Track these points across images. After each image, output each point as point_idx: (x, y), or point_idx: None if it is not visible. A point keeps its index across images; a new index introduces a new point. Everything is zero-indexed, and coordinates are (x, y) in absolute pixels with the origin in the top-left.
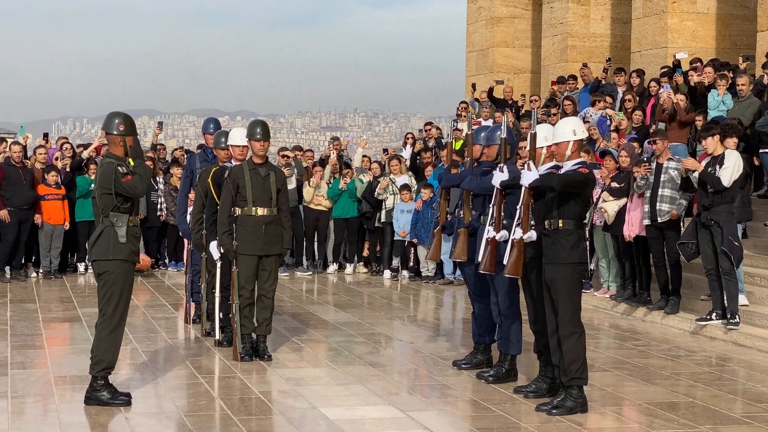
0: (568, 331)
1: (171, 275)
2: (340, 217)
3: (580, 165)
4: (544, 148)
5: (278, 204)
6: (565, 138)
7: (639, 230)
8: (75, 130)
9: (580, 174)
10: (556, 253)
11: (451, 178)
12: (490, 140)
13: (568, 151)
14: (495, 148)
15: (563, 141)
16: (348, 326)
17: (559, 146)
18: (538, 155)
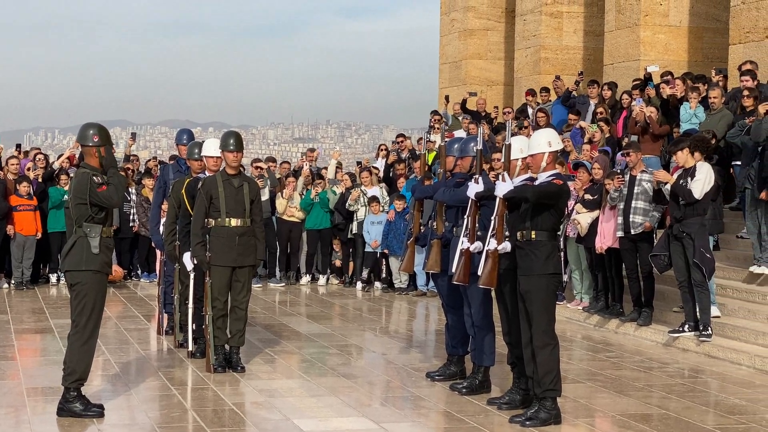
0: (543, 343)
1: (144, 286)
2: (312, 229)
3: (555, 176)
4: (519, 160)
5: (252, 215)
6: (540, 149)
7: (612, 242)
8: (47, 141)
9: (555, 185)
10: (530, 264)
11: (424, 190)
12: (463, 152)
13: (543, 162)
14: (469, 160)
15: (538, 152)
16: (321, 338)
17: (534, 158)
18: (513, 167)
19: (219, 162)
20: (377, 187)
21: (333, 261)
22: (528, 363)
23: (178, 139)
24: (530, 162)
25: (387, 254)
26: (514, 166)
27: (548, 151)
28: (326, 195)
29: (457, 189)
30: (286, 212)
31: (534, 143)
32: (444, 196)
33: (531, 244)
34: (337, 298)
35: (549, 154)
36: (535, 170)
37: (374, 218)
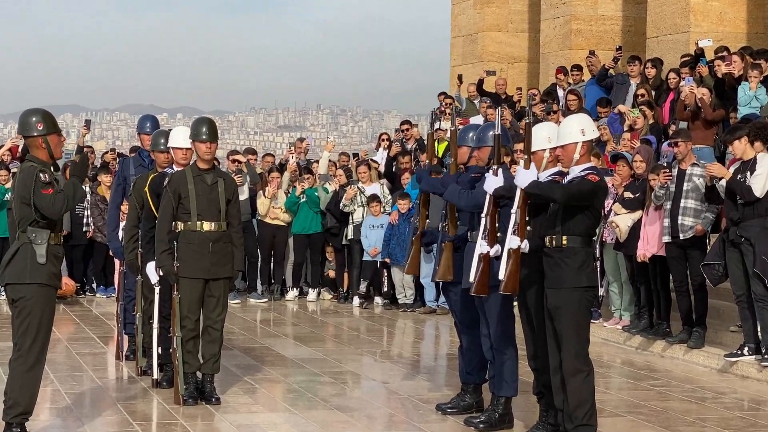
0: (574, 369)
1: (100, 302)
2: (300, 234)
3: (590, 171)
4: (547, 151)
5: (228, 217)
6: (572, 139)
7: (657, 249)
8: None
9: (589, 183)
10: (559, 275)
11: (432, 183)
12: (481, 141)
13: (575, 154)
14: (487, 151)
15: (570, 143)
16: (310, 363)
17: (565, 149)
18: (539, 159)
19: (189, 154)
20: (377, 184)
21: (325, 272)
22: (557, 393)
23: (141, 128)
24: (560, 154)
25: (389, 264)
26: (539, 158)
27: (581, 140)
28: (314, 192)
29: (475, 191)
30: (269, 214)
31: (564, 132)
32: (457, 198)
33: (561, 251)
34: (330, 316)
35: (582, 144)
36: (566, 164)
37: (374, 221)
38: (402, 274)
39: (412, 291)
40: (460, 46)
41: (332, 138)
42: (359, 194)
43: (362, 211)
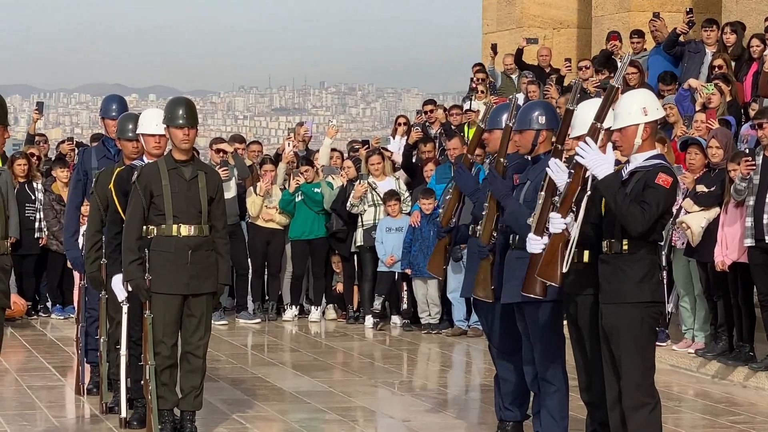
0: (637, 402)
1: (56, 325)
2: (300, 239)
3: (659, 164)
4: (601, 133)
5: (211, 220)
6: (633, 120)
7: (738, 255)
8: None
9: (662, 190)
10: (618, 288)
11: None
12: (523, 123)
13: (637, 138)
14: (530, 135)
15: (629, 125)
16: (314, 397)
17: (623, 133)
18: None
19: (163, 143)
20: (391, 178)
21: (332, 286)
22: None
23: (105, 111)
24: (618, 139)
25: (409, 275)
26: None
27: (644, 121)
28: (312, 189)
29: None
30: (261, 215)
31: (622, 111)
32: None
33: (621, 258)
34: (337, 339)
35: (645, 126)
36: (625, 150)
37: (391, 223)
38: (425, 289)
39: (438, 309)
40: (494, 10)
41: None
42: (370, 191)
43: (374, 211)
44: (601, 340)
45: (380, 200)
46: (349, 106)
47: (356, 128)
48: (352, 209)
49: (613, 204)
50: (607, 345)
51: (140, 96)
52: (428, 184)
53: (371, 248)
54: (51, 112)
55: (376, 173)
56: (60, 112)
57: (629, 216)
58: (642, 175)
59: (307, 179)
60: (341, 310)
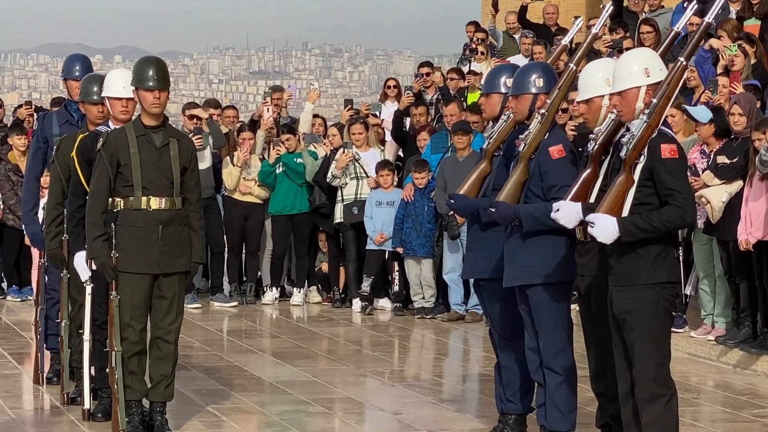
0: (651, 394)
1: (12, 308)
2: (281, 214)
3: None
4: (606, 98)
5: (183, 192)
6: (633, 82)
7: (763, 233)
8: None
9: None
10: (630, 269)
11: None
12: (520, 88)
13: (638, 102)
14: (527, 100)
15: (630, 87)
16: (296, 388)
17: (623, 97)
18: (595, 110)
19: (131, 107)
20: (377, 148)
21: (316, 266)
22: (629, 425)
23: (68, 72)
24: (617, 103)
25: (401, 254)
26: (596, 110)
27: (645, 83)
28: (294, 160)
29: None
30: (239, 188)
31: (621, 73)
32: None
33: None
34: (322, 324)
35: (647, 89)
36: (626, 116)
37: (382, 196)
38: (419, 269)
39: (432, 291)
40: None
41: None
42: (353, 163)
43: (356, 185)
44: (611, 326)
45: (363, 173)
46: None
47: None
48: (333, 181)
49: (653, 234)
50: (619, 332)
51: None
52: (422, 155)
53: (353, 225)
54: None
55: (358, 143)
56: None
57: (671, 225)
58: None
59: (289, 149)
60: (326, 293)
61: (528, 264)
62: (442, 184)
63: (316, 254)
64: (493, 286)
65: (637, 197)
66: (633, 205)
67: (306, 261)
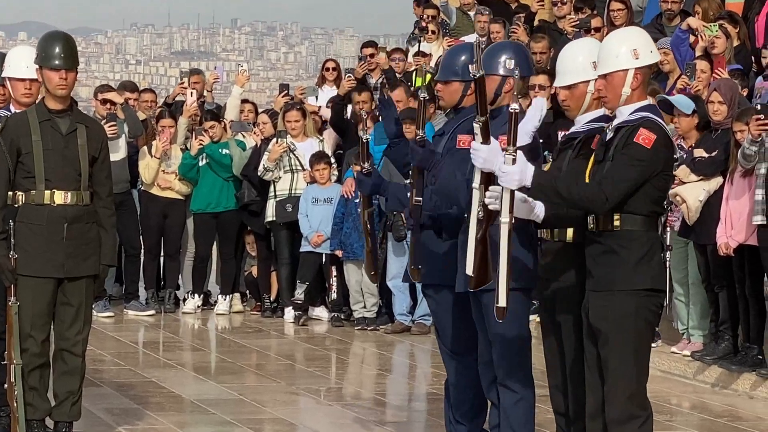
0: (625, 414)
1: None
2: (204, 212)
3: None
4: (591, 83)
5: (93, 185)
6: (620, 65)
7: (745, 236)
8: None
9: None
10: (610, 272)
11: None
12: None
13: (625, 88)
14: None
15: (616, 71)
16: (220, 407)
17: (609, 81)
18: (578, 95)
19: (35, 89)
20: (314, 138)
21: (244, 270)
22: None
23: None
24: (602, 88)
25: (340, 258)
26: (579, 95)
27: (634, 66)
28: (219, 150)
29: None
30: (157, 182)
31: (607, 55)
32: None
33: (612, 236)
34: (250, 336)
35: (635, 72)
36: (611, 102)
37: (318, 192)
38: (360, 274)
39: (375, 299)
40: None
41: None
42: (288, 154)
43: (291, 179)
44: (584, 336)
45: (299, 165)
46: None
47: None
48: (265, 174)
49: (561, 200)
50: (593, 342)
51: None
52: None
53: (286, 225)
54: None
55: (294, 132)
56: None
57: (583, 204)
58: (626, 131)
59: (214, 138)
60: (256, 301)
61: None
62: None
63: (244, 257)
64: (441, 293)
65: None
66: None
67: (233, 265)
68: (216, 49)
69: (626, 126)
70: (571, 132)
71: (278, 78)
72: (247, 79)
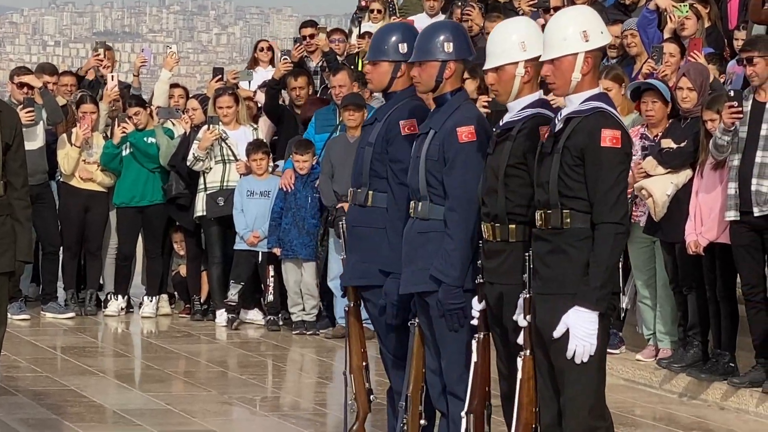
0: (584, 426)
1: None
2: (129, 206)
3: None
4: (521, 65)
5: (6, 174)
6: (569, 48)
7: (716, 233)
8: None
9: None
10: (559, 274)
11: None
12: (424, 52)
13: (575, 72)
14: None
15: (565, 54)
16: (146, 418)
17: (557, 65)
18: (507, 79)
19: None
20: (248, 126)
21: (172, 269)
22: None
23: None
24: (549, 73)
25: (278, 257)
26: (508, 79)
27: (584, 50)
28: (144, 139)
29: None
30: (78, 173)
31: (554, 36)
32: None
33: (561, 235)
34: (179, 341)
35: (586, 56)
36: (560, 89)
37: (255, 184)
38: (299, 274)
39: (315, 301)
40: None
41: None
42: (219, 143)
43: (222, 170)
44: (534, 344)
45: (231, 155)
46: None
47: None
48: (195, 165)
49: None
50: (543, 351)
51: None
52: (305, 134)
53: (218, 220)
54: None
55: (226, 119)
56: None
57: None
58: (578, 123)
59: (138, 125)
60: (185, 303)
61: (429, 267)
62: (328, 170)
63: (172, 256)
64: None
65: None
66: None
67: (159, 263)
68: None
69: (577, 116)
70: (505, 122)
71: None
72: (176, 62)
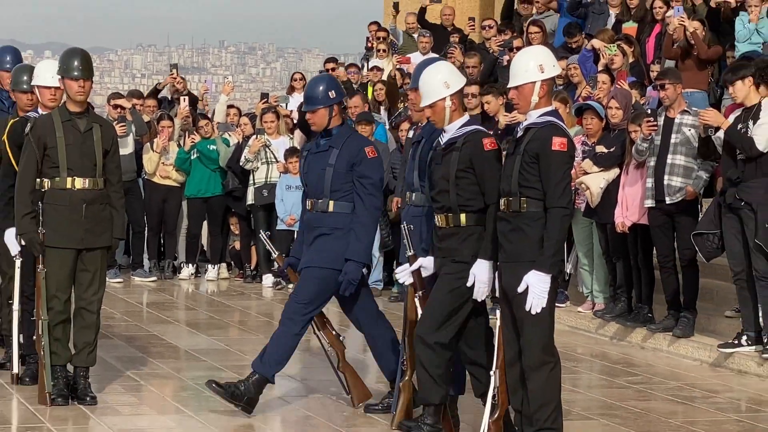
0: (538, 361)
1: None
2: (196, 197)
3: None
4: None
5: (106, 173)
6: (529, 78)
7: (638, 216)
8: None
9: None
10: (519, 248)
11: None
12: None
13: (534, 96)
14: (325, 113)
15: (526, 83)
16: (209, 355)
17: (520, 91)
18: (439, 110)
19: (59, 95)
20: (286, 136)
21: (229, 244)
22: (514, 391)
23: (0, 63)
24: (515, 97)
25: None
26: (439, 110)
27: (540, 79)
28: (207, 146)
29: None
30: (158, 172)
31: (518, 69)
32: None
33: (520, 216)
34: (234, 298)
35: (542, 83)
36: (522, 108)
37: (291, 180)
38: None
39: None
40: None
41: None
42: (264, 149)
43: (266, 169)
44: (499, 298)
45: (274, 158)
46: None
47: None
48: (246, 165)
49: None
50: (508, 305)
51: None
52: None
53: (263, 207)
54: None
55: (269, 131)
56: None
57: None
58: (535, 132)
59: (205, 134)
60: (239, 270)
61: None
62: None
63: (229, 234)
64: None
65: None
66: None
67: (219, 240)
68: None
69: (534, 127)
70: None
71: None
72: (231, 89)
